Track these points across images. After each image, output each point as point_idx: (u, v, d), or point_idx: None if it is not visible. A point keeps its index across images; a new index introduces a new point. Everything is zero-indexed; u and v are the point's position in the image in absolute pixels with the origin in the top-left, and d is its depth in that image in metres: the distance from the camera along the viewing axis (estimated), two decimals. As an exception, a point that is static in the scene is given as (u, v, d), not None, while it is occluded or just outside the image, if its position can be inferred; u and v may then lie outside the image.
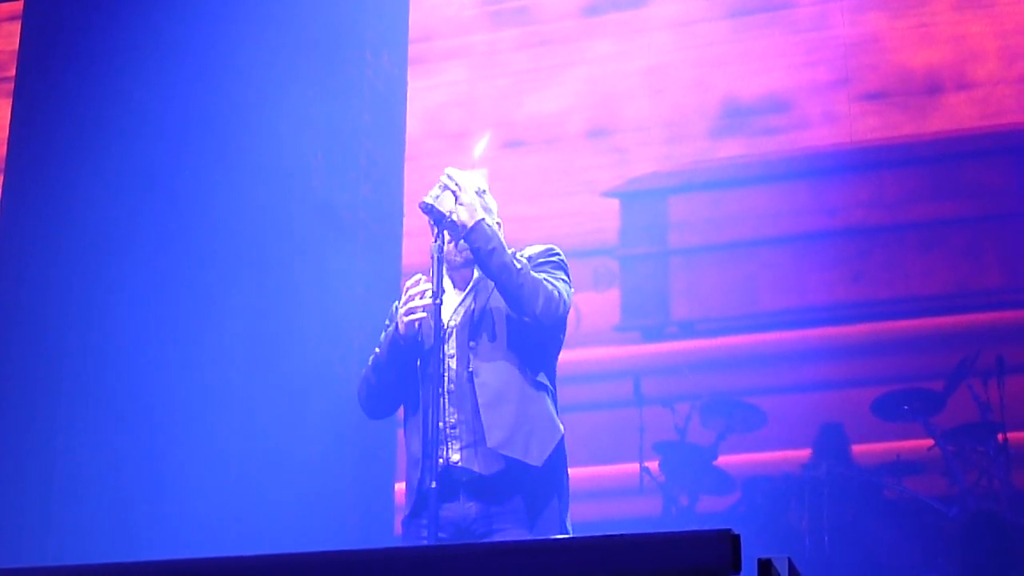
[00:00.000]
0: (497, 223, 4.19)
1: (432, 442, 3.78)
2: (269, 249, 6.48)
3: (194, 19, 6.63)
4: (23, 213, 6.50)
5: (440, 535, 3.75)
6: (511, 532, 3.77)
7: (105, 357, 6.13)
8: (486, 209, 4.14)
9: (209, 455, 6.10)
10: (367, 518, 6.58)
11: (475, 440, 3.87)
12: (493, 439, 3.83)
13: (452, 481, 3.81)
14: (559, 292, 3.99)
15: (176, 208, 6.40)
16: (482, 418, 3.86)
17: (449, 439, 3.85)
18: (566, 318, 4.08)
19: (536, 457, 3.85)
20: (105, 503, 5.95)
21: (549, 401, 3.99)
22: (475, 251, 3.94)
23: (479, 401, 3.88)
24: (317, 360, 6.49)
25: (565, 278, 4.09)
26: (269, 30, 6.77)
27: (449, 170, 4.08)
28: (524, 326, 3.96)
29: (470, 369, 3.91)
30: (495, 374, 3.91)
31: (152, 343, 6.13)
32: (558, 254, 4.14)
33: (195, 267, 6.35)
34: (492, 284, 4.04)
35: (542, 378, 4.00)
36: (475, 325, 3.98)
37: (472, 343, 3.95)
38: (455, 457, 3.85)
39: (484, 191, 4.24)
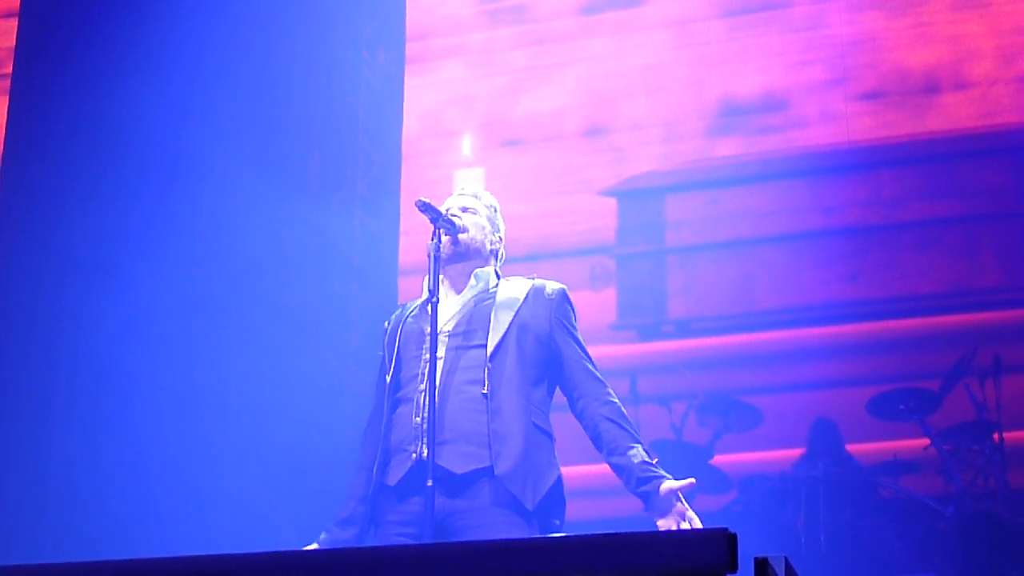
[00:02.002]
0: (500, 238, 4.19)
1: (431, 444, 3.77)
2: (265, 246, 6.47)
3: (191, 17, 6.62)
4: (19, 211, 6.50)
5: (409, 531, 3.75)
6: (482, 529, 3.75)
7: (100, 355, 6.12)
8: (494, 226, 4.15)
9: (203, 453, 6.09)
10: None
11: (450, 438, 3.84)
12: (500, 468, 3.81)
13: (424, 476, 3.78)
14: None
15: (172, 206, 6.39)
16: (491, 444, 3.83)
17: (425, 435, 3.81)
18: None
19: (530, 500, 3.83)
20: (100, 501, 5.94)
21: (549, 443, 3.98)
22: None
23: (490, 425, 3.85)
24: (313, 357, 6.49)
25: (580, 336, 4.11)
26: (266, 29, 6.77)
27: None
28: (548, 364, 3.99)
29: (484, 391, 3.87)
30: (509, 404, 3.87)
31: (147, 341, 6.12)
32: (571, 301, 4.13)
33: (190, 265, 6.34)
34: (496, 292, 4.03)
35: (547, 423, 3.98)
36: (499, 346, 3.92)
37: (490, 364, 3.90)
38: (426, 452, 3.82)
39: (496, 208, 4.23)
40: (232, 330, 6.31)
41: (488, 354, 3.91)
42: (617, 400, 3.98)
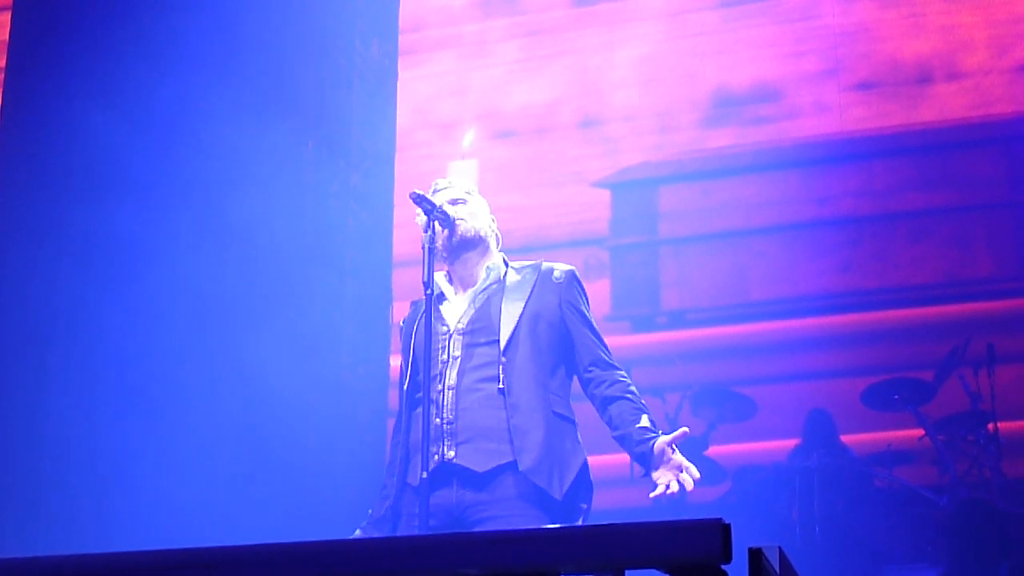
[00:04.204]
0: (493, 218, 4.18)
1: (427, 439, 3.76)
2: (258, 239, 6.46)
3: (185, 10, 6.61)
4: (15, 205, 6.49)
5: (431, 523, 3.75)
6: (502, 520, 3.75)
7: (95, 348, 6.12)
8: (484, 208, 4.14)
9: (199, 447, 6.09)
10: (359, 509, 6.57)
11: (470, 436, 3.84)
12: (524, 463, 3.82)
13: (446, 474, 3.80)
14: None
15: (167, 199, 6.39)
16: (512, 439, 3.84)
17: (445, 436, 3.83)
18: None
19: (558, 490, 3.83)
20: (95, 494, 5.94)
21: (572, 429, 3.98)
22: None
23: (510, 421, 3.86)
24: (305, 351, 6.48)
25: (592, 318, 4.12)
26: (259, 20, 6.76)
27: None
28: (562, 351, 4.00)
29: (501, 386, 3.87)
30: (527, 396, 3.87)
31: (142, 334, 6.12)
32: (580, 282, 4.13)
33: (185, 259, 6.34)
34: (505, 283, 4.03)
35: (567, 410, 3.98)
36: (511, 339, 3.92)
37: (504, 358, 3.90)
38: (450, 453, 3.83)
39: (470, 192, 4.21)
40: (224, 322, 6.31)
41: (501, 349, 3.91)
42: (626, 379, 3.99)
